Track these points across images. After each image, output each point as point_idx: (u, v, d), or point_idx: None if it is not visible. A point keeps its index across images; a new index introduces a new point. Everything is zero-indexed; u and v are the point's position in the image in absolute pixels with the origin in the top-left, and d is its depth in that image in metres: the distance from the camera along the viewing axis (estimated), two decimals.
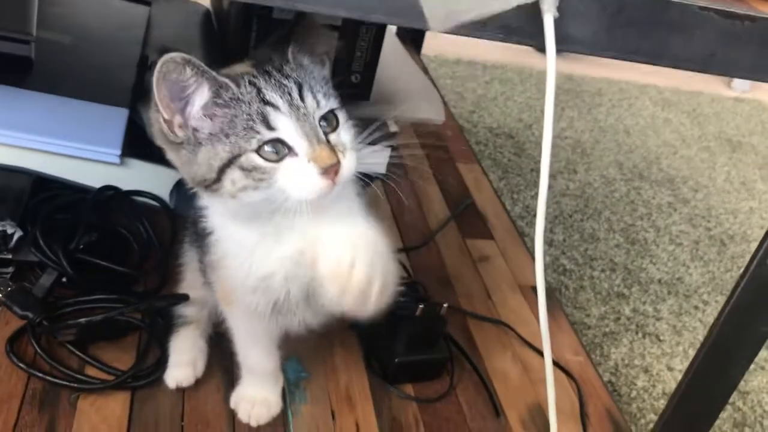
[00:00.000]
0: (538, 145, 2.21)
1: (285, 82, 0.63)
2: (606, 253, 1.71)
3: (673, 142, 2.36)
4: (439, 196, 1.37)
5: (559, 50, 0.53)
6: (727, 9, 0.55)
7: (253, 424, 0.82)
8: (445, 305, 0.90)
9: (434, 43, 2.23)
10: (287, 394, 0.87)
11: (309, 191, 0.61)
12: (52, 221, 0.95)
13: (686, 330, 1.54)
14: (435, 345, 0.93)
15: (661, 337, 1.50)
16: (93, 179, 1.00)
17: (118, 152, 0.99)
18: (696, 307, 1.61)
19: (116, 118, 1.03)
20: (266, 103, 0.62)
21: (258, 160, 0.61)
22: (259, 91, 0.62)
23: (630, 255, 1.73)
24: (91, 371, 0.84)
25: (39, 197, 0.97)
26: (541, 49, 0.53)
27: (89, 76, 1.11)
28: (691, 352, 1.47)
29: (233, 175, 0.61)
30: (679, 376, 1.43)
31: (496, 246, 1.26)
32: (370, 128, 0.69)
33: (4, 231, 0.89)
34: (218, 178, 0.62)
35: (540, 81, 2.48)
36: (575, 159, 2.10)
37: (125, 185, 1.02)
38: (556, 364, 1.03)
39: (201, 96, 0.62)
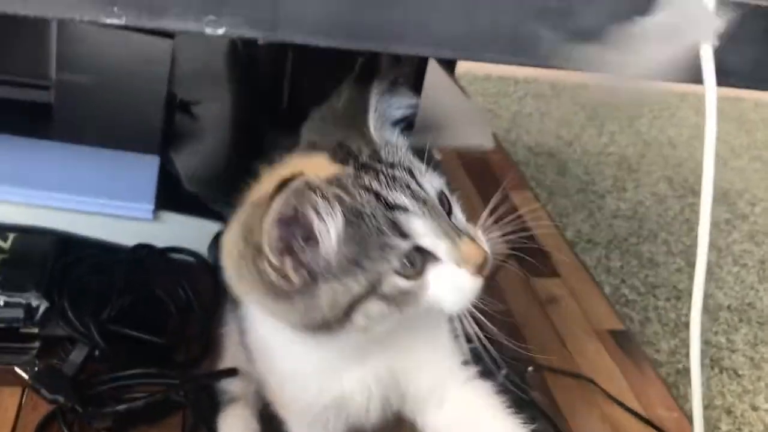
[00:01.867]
0: (581, 163, 2.09)
1: (396, 173, 0.49)
2: (668, 279, 1.59)
3: (721, 153, 2.23)
4: None
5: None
6: None
7: None
8: (530, 369, 0.79)
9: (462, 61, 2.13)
10: None
11: (467, 298, 0.49)
12: (80, 286, 0.85)
13: (765, 363, 1.41)
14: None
15: (740, 372, 1.37)
16: (124, 237, 0.90)
17: (152, 207, 0.89)
18: None
19: (147, 167, 0.93)
20: (392, 207, 0.48)
21: (402, 282, 0.48)
22: (377, 195, 0.48)
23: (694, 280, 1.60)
24: None
25: (65, 260, 0.87)
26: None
27: (114, 119, 1.01)
28: None
29: (371, 308, 0.48)
30: (766, 417, 1.32)
31: (563, 285, 1.14)
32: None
33: (29, 304, 0.79)
34: (347, 316, 0.49)
35: (576, 93, 2.37)
36: (622, 176, 1.98)
37: (160, 242, 0.92)
38: (650, 423, 0.91)
39: (335, 227, 0.47)
